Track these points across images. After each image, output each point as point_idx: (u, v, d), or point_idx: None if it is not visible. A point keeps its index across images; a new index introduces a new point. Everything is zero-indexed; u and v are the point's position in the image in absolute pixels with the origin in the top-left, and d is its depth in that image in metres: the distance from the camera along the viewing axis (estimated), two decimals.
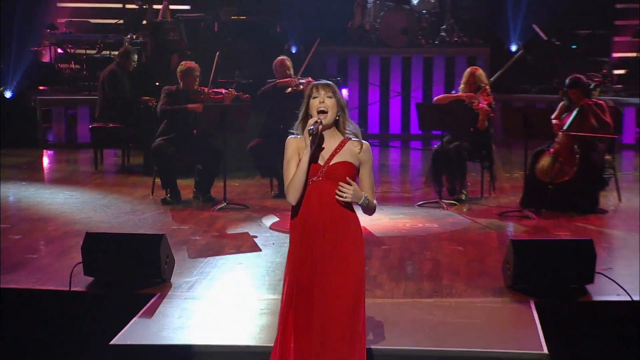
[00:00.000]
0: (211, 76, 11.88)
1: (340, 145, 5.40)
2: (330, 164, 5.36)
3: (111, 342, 7.01)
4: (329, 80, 5.92)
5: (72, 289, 8.13)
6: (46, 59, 18.15)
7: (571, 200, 11.12)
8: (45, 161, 15.27)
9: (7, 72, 16.19)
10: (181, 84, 11.72)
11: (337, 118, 5.38)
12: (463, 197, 11.78)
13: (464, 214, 11.26)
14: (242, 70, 15.08)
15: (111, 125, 13.88)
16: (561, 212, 11.03)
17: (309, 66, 12.83)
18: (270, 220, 10.95)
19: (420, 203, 11.67)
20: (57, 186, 12.93)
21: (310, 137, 5.22)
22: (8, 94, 16.07)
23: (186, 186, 12.03)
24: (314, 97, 5.38)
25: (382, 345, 6.90)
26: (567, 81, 11.21)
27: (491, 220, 10.97)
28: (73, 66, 18.13)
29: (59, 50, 18.17)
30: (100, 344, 7.30)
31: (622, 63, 17.95)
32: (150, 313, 7.63)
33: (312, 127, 5.22)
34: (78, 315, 7.96)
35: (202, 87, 11.82)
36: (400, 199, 12.39)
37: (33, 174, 13.97)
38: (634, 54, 17.74)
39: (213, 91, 11.86)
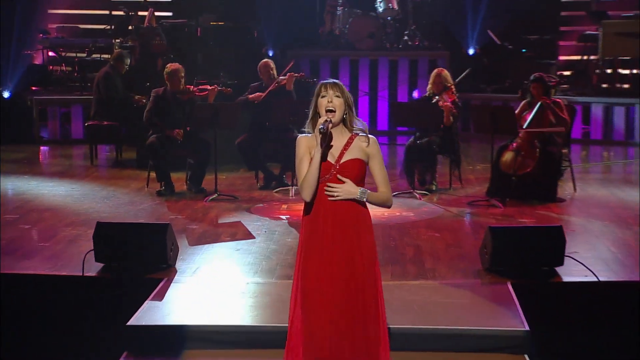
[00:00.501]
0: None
1: (349, 142, 5.20)
2: (342, 161, 5.16)
3: (128, 323, 6.98)
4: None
5: (85, 274, 8.10)
6: (38, 61, 17.94)
7: (532, 190, 11.19)
8: (43, 156, 15.09)
9: (5, 74, 16.04)
10: (168, 85, 11.65)
11: (344, 116, 5.19)
12: (434, 187, 11.83)
13: (435, 203, 11.28)
14: (226, 72, 15.00)
15: (106, 122, 13.77)
16: (524, 201, 11.08)
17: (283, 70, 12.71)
18: (259, 209, 10.92)
19: (395, 193, 11.58)
20: (58, 179, 12.80)
21: (321, 136, 5.05)
22: (6, 94, 15.92)
23: (177, 179, 11.93)
24: (322, 97, 5.16)
25: None
26: (531, 77, 11.32)
27: (462, 208, 11.03)
28: (64, 68, 17.95)
29: (50, 54, 17.99)
30: (116, 325, 7.29)
31: (567, 65, 18.07)
32: (161, 296, 7.61)
33: (322, 126, 5.04)
34: (92, 298, 7.94)
35: (188, 86, 11.77)
36: (375, 189, 12.27)
37: (33, 168, 13.82)
38: (578, 57, 17.88)
39: (198, 89, 11.82)
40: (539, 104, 10.98)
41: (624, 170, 14.28)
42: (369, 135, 5.25)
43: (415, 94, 16.67)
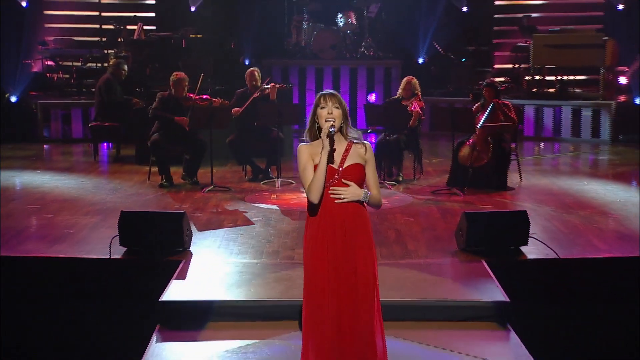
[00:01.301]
0: (197, 88, 11.67)
1: (347, 149, 4.93)
2: (344, 167, 4.90)
3: (160, 300, 6.93)
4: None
5: (112, 257, 8.01)
6: (36, 69, 17.65)
7: (486, 180, 11.27)
8: (49, 153, 14.72)
9: (12, 82, 15.84)
10: (173, 91, 11.49)
11: (341, 125, 4.93)
12: (400, 178, 11.82)
13: (403, 192, 11.26)
14: (213, 78, 14.89)
15: (107, 123, 13.59)
16: (479, 189, 11.14)
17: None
18: (252, 199, 10.83)
19: None
20: (67, 174, 12.53)
21: (328, 139, 4.79)
22: (13, 99, 15.70)
23: (173, 172, 11.74)
24: (322, 108, 4.90)
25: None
26: (483, 82, 11.43)
27: (428, 196, 11.01)
28: (61, 75, 17.68)
29: (47, 62, 17.69)
30: (147, 301, 7.21)
31: (501, 72, 18.18)
32: (183, 276, 7.56)
33: (332, 129, 4.80)
34: (120, 279, 7.86)
35: (189, 94, 11.62)
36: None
37: (43, 164, 13.50)
38: (511, 65, 18.03)
39: (200, 97, 11.66)
40: (491, 104, 11.07)
41: (553, 162, 14.41)
42: (364, 142, 5.03)
43: (371, 97, 16.76)
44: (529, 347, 6.41)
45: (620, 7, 17.83)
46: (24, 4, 17.53)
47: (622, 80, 16.63)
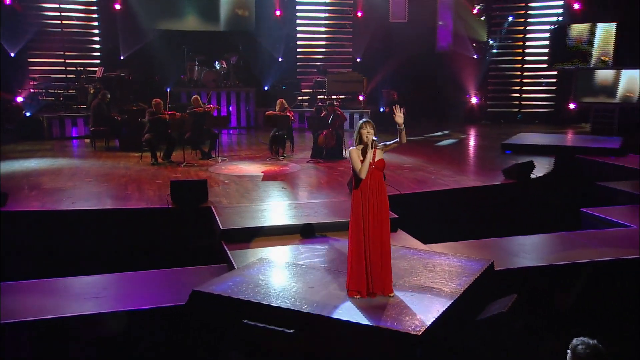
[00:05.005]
0: (167, 105, 11.45)
1: (374, 152, 4.96)
2: (375, 161, 4.95)
3: (222, 228, 6.83)
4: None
5: (169, 207, 7.92)
6: (22, 96, 15.97)
7: (332, 153, 11.78)
8: (58, 147, 13.35)
9: (28, 104, 14.55)
10: (155, 110, 11.18)
11: (374, 139, 4.91)
12: (284, 155, 11.99)
13: (291, 163, 11.30)
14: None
15: (101, 128, 12.88)
16: (329, 159, 11.36)
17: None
18: (215, 169, 10.62)
19: (268, 159, 11.68)
20: (86, 159, 11.67)
21: (372, 142, 4.88)
22: (28, 114, 14.38)
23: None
24: (363, 129, 4.90)
25: (332, 219, 7.10)
26: (327, 102, 12.07)
27: (306, 164, 10.99)
28: (45, 98, 16.16)
29: (32, 90, 16.11)
30: (208, 231, 7.18)
31: (305, 95, 18.75)
32: (221, 214, 7.42)
33: (375, 137, 4.90)
34: (179, 220, 7.73)
35: (164, 111, 11.34)
36: (253, 157, 11.98)
37: (63, 154, 12.35)
38: (311, 90, 18.62)
39: (169, 113, 11.40)
40: (333, 112, 11.77)
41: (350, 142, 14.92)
42: (380, 144, 4.98)
43: (232, 108, 16.89)
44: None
45: (359, 59, 19.09)
46: (12, 54, 15.93)
47: (361, 97, 17.80)
